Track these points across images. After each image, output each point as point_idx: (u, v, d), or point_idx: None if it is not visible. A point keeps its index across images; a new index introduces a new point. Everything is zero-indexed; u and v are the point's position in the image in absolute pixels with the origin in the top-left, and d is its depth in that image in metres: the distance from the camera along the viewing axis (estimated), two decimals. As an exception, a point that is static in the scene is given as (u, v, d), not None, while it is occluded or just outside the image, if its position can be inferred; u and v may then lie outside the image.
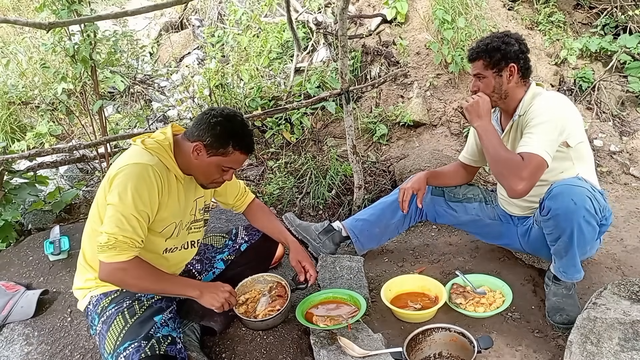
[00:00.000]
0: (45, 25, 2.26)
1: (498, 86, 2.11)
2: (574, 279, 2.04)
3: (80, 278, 1.87)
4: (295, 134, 3.84)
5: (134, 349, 1.63)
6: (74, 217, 3.10)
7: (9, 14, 6.05)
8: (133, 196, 1.64)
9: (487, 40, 2.11)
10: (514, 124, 2.15)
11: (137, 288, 1.74)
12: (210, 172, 1.81)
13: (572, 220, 1.88)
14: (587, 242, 1.97)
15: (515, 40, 2.09)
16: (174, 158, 1.78)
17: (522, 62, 2.09)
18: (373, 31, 4.34)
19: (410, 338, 1.87)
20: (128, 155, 1.76)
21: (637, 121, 3.72)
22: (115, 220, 1.64)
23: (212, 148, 1.75)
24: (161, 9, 5.41)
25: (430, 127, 3.79)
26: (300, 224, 2.61)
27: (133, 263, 1.67)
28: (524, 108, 2.10)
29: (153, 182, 1.69)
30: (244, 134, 1.78)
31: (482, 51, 2.10)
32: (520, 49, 2.09)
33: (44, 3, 2.90)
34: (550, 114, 1.97)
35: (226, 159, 1.78)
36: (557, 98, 2.09)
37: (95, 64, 3.07)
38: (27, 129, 4.41)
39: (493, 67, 2.09)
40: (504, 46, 2.07)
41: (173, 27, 6.01)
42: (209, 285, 1.84)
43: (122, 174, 1.68)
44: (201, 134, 1.75)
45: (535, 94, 2.11)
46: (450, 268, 2.46)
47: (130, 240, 1.65)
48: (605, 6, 4.20)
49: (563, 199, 1.89)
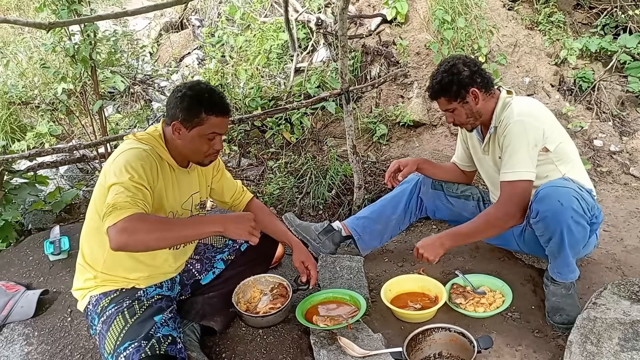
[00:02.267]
0: (45, 25, 2.26)
1: (469, 111, 2.14)
2: (569, 279, 2.05)
3: (79, 279, 1.86)
4: (295, 134, 3.84)
5: (134, 348, 1.62)
6: (74, 217, 3.09)
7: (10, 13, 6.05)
8: (129, 171, 1.61)
9: (438, 78, 2.12)
10: (491, 135, 2.18)
11: (156, 242, 1.54)
12: (197, 145, 1.77)
13: (560, 221, 1.89)
14: (579, 241, 1.97)
15: (462, 65, 2.09)
16: (167, 148, 1.79)
17: (480, 80, 2.10)
18: (373, 31, 4.34)
19: (410, 338, 1.87)
20: (120, 147, 1.76)
21: (637, 121, 3.72)
22: (114, 192, 1.56)
23: (187, 122, 1.73)
24: (161, 9, 5.41)
25: (430, 127, 3.80)
26: (300, 224, 2.61)
27: (138, 216, 1.52)
28: (497, 119, 2.13)
29: (149, 161, 1.68)
30: (212, 97, 1.74)
31: (437, 91, 2.13)
32: (471, 70, 2.09)
33: (44, 3, 2.90)
34: (521, 128, 2.01)
35: (205, 126, 1.74)
36: (526, 106, 2.11)
37: (95, 64, 3.07)
38: (27, 129, 4.41)
39: (456, 99, 2.12)
40: (455, 77, 2.08)
41: (173, 27, 6.01)
42: (230, 216, 1.70)
43: (116, 160, 1.66)
44: (174, 112, 1.74)
45: (505, 104, 2.13)
46: (450, 268, 2.46)
47: (132, 199, 1.54)
48: (605, 6, 4.20)
49: (550, 201, 1.90)
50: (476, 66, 2.12)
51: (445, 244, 2.10)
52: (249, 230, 1.68)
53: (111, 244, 1.51)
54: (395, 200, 2.50)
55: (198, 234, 1.64)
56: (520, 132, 2.00)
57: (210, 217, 1.73)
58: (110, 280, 1.81)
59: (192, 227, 1.62)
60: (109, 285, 1.80)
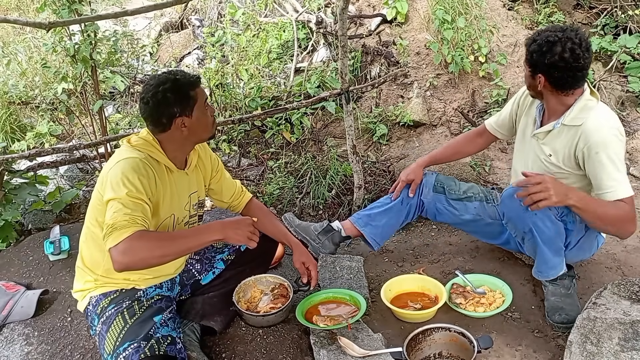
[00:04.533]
0: (45, 25, 2.26)
1: (533, 85, 2.03)
2: (550, 276, 2.04)
3: (79, 281, 1.87)
4: (295, 134, 3.84)
5: (133, 349, 1.62)
6: (74, 217, 3.10)
7: (10, 13, 6.05)
8: (126, 185, 1.61)
9: (538, 42, 1.93)
10: (556, 130, 2.03)
11: (159, 259, 1.57)
12: (203, 121, 1.80)
13: (525, 220, 1.89)
14: (552, 238, 1.95)
15: (561, 48, 1.89)
16: (164, 152, 1.78)
17: (557, 75, 1.94)
18: (373, 31, 4.34)
19: (410, 338, 1.87)
20: (116, 155, 1.75)
21: (637, 121, 3.71)
22: (113, 210, 1.57)
23: (186, 109, 1.74)
24: (161, 9, 5.42)
25: (430, 127, 3.80)
26: (300, 224, 2.61)
27: (139, 234, 1.53)
28: (573, 118, 1.97)
29: (145, 171, 1.68)
30: (182, 77, 1.76)
31: (527, 52, 1.98)
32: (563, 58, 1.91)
33: (45, 2, 2.90)
34: (614, 142, 1.89)
35: (199, 101, 1.76)
36: (614, 118, 1.96)
37: (95, 64, 3.07)
38: (27, 129, 4.40)
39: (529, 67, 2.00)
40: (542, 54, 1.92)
41: (173, 27, 6.01)
42: (228, 222, 1.73)
43: (113, 170, 1.66)
44: (168, 113, 1.72)
45: (587, 106, 1.97)
46: (450, 268, 2.46)
47: (130, 217, 1.56)
48: (605, 6, 4.20)
49: (510, 202, 1.88)
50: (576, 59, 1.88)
51: (571, 198, 1.82)
52: (247, 236, 1.71)
53: (115, 266, 1.54)
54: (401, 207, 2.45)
55: (199, 244, 1.67)
56: (614, 153, 1.88)
57: (208, 226, 1.73)
58: (111, 282, 1.81)
59: (192, 239, 1.65)
60: (109, 286, 1.80)
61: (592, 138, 1.90)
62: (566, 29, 1.91)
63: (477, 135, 2.52)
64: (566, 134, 2.00)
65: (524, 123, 2.24)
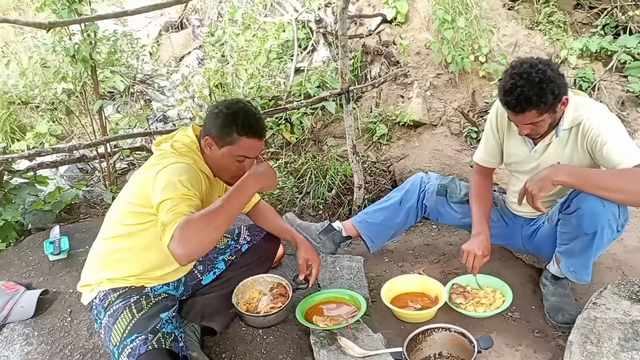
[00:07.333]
0: (45, 24, 2.27)
1: (553, 121, 1.94)
2: (582, 280, 2.03)
3: (91, 275, 1.85)
4: (295, 134, 3.84)
5: (141, 341, 1.64)
6: (74, 217, 3.09)
7: (10, 13, 6.04)
8: (178, 188, 1.60)
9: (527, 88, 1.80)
10: (557, 139, 2.00)
11: (213, 232, 1.53)
12: (227, 165, 1.78)
13: (597, 222, 1.84)
14: (604, 245, 1.95)
15: (550, 71, 1.84)
16: (203, 158, 1.81)
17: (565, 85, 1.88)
18: (373, 31, 4.34)
19: (410, 338, 1.87)
20: (161, 160, 1.73)
21: (637, 121, 3.71)
22: (165, 209, 1.55)
23: (219, 139, 1.74)
24: (161, 9, 5.40)
25: (430, 127, 3.80)
26: (301, 224, 2.61)
27: (184, 222, 1.50)
28: (570, 121, 1.95)
29: (197, 176, 1.72)
30: (247, 117, 1.73)
31: (531, 102, 1.81)
32: (560, 75, 1.87)
33: (45, 2, 2.90)
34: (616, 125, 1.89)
35: (235, 147, 1.74)
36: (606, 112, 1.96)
37: (95, 64, 3.06)
38: (27, 129, 4.40)
39: (547, 111, 1.85)
40: (550, 86, 1.81)
41: (173, 27, 6.00)
42: (258, 174, 1.68)
43: (165, 174, 1.65)
44: (208, 127, 1.76)
45: (578, 105, 1.95)
46: (450, 268, 2.46)
47: (179, 212, 1.54)
48: (605, 6, 4.20)
49: (593, 200, 1.82)
50: (559, 70, 1.88)
51: (558, 175, 1.77)
52: (277, 182, 1.80)
53: (178, 261, 1.51)
54: (399, 208, 2.45)
55: (242, 203, 1.64)
56: (618, 130, 1.86)
57: (243, 183, 1.65)
58: (124, 282, 1.82)
59: (235, 200, 1.61)
60: (119, 282, 1.82)
61: (597, 126, 1.88)
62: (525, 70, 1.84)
63: (481, 175, 2.36)
64: (571, 136, 1.98)
65: (513, 145, 2.17)
